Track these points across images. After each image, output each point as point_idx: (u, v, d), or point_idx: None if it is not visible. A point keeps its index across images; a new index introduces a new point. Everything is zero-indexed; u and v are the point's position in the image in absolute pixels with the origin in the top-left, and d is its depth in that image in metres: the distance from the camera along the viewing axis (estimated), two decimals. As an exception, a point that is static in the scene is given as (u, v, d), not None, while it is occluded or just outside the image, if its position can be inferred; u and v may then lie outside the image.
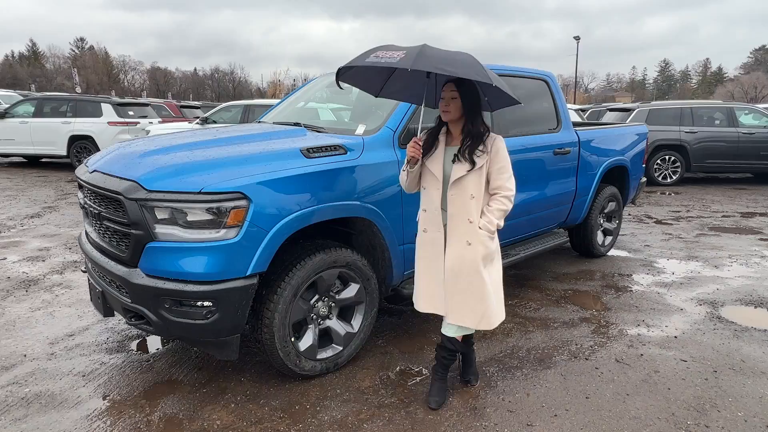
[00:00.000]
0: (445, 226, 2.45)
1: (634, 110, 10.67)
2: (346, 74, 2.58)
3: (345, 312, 2.97)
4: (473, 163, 2.34)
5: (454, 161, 2.38)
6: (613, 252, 5.45)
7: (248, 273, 2.42)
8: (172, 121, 12.93)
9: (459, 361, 2.86)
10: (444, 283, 2.46)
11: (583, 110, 15.01)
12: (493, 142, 2.39)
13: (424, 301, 2.56)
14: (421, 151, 2.39)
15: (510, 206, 2.42)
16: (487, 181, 2.40)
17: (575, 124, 5.18)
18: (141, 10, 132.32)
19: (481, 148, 2.35)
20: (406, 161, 2.43)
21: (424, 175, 2.48)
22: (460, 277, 2.42)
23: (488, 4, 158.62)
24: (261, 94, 74.16)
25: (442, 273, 2.47)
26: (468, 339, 2.73)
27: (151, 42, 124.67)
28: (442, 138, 2.46)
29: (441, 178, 2.41)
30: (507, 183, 2.41)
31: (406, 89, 2.69)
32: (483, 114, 2.46)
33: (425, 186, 2.48)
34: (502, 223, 2.41)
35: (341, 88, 2.75)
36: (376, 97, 2.76)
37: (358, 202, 2.80)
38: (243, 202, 2.37)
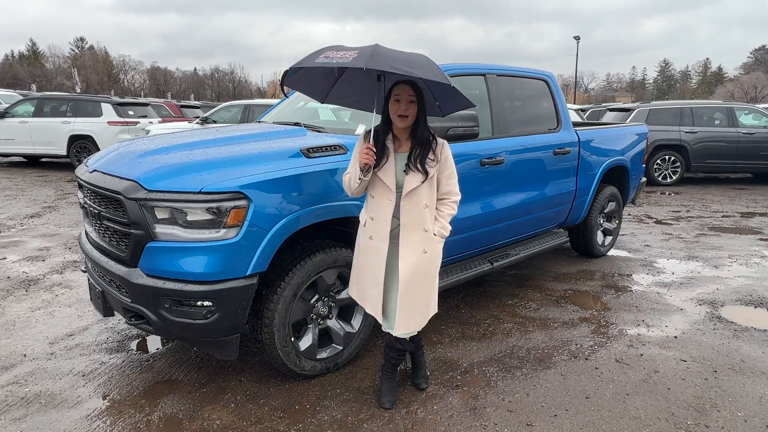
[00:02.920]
0: (392, 237, 2.37)
1: (634, 110, 10.67)
2: (292, 78, 2.48)
3: (345, 312, 2.97)
4: (426, 173, 2.29)
5: (406, 171, 2.30)
6: (613, 252, 5.45)
7: (248, 273, 2.42)
8: (172, 121, 12.92)
9: (407, 363, 2.86)
10: (398, 295, 2.37)
11: (583, 110, 15.01)
12: (442, 148, 2.36)
13: (370, 304, 2.48)
14: (375, 157, 2.25)
15: (456, 210, 2.47)
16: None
17: (575, 124, 5.18)
18: (149, 13, 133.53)
19: (431, 156, 2.31)
20: (356, 167, 2.29)
21: (373, 182, 2.35)
22: (411, 285, 2.36)
23: (486, 6, 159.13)
24: (261, 93, 74.19)
25: (381, 279, 2.39)
26: (414, 337, 2.65)
27: (157, 43, 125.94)
28: (390, 144, 2.34)
29: (394, 189, 2.31)
30: (455, 188, 2.44)
31: (354, 95, 2.59)
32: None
33: (374, 195, 2.37)
34: (450, 227, 2.46)
35: (285, 95, 2.66)
36: (322, 103, 2.70)
37: (358, 202, 2.80)
38: (243, 202, 2.37)
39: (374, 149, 2.24)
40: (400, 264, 2.36)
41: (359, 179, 2.28)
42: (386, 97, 2.32)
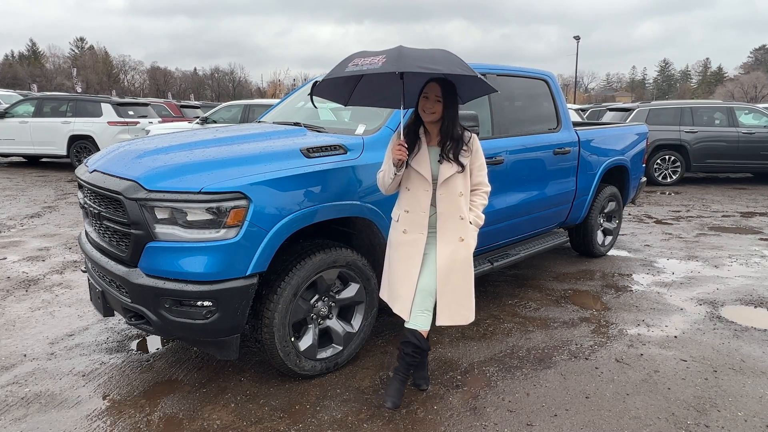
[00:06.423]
0: (429, 227, 2.44)
1: (634, 110, 10.67)
2: (319, 87, 2.56)
3: (345, 312, 2.97)
4: (461, 165, 2.39)
5: (440, 161, 2.39)
6: (613, 252, 5.45)
7: (248, 273, 2.42)
8: (172, 121, 12.93)
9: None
10: (437, 283, 2.42)
11: (583, 110, 15.01)
12: (473, 140, 2.46)
13: (399, 302, 2.49)
14: (407, 152, 2.35)
15: (487, 201, 2.56)
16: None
17: (575, 124, 5.18)
18: (159, 16, 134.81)
19: (464, 148, 2.41)
20: (391, 164, 2.38)
21: (408, 175, 2.44)
22: (452, 274, 2.42)
23: (485, 7, 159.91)
24: (261, 93, 74.21)
25: (416, 276, 2.43)
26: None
27: (165, 44, 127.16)
28: (422, 138, 2.44)
29: (430, 179, 2.40)
30: (485, 179, 2.55)
31: (375, 94, 2.66)
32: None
33: (409, 187, 2.44)
34: (483, 216, 2.56)
35: (315, 106, 2.72)
36: (346, 105, 2.74)
37: (358, 202, 2.80)
38: (243, 202, 2.37)
39: (405, 145, 2.32)
40: (438, 252, 2.42)
41: (393, 175, 2.37)
42: (419, 93, 2.41)
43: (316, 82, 2.54)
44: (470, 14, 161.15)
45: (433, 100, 2.36)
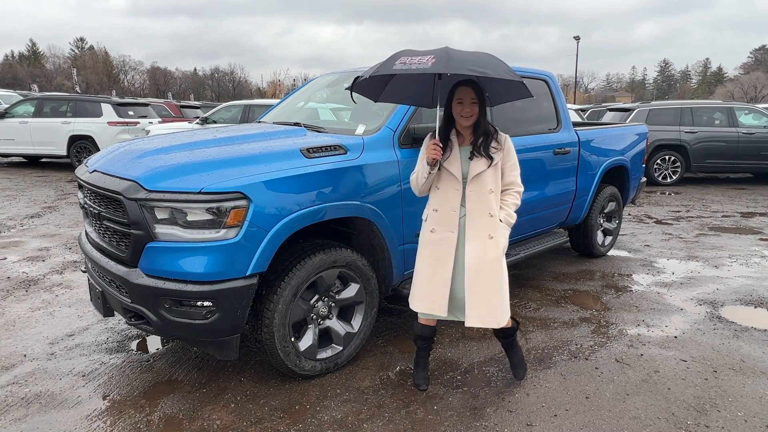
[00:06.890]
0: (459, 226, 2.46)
1: (634, 110, 10.67)
2: (358, 84, 2.57)
3: (345, 312, 2.97)
4: (491, 159, 2.41)
5: (471, 158, 2.42)
6: (613, 252, 5.45)
7: (248, 273, 2.42)
8: (172, 121, 12.93)
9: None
10: (465, 282, 2.43)
11: (583, 110, 15.01)
12: (505, 139, 2.49)
13: (420, 300, 2.54)
14: (442, 152, 2.39)
15: (520, 201, 2.56)
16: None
17: (575, 124, 5.18)
18: (161, 16, 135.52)
19: (494, 144, 2.44)
20: (425, 164, 2.41)
21: (438, 175, 2.48)
22: (481, 272, 2.42)
23: (486, 8, 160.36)
24: (261, 94, 74.23)
25: (449, 274, 2.45)
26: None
27: (166, 45, 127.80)
28: (454, 138, 2.47)
29: (460, 177, 2.42)
30: (518, 179, 2.55)
31: (405, 91, 2.67)
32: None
33: (439, 186, 2.48)
34: (515, 215, 2.55)
35: (355, 102, 2.76)
36: (376, 102, 2.76)
37: (358, 202, 2.80)
38: (243, 202, 2.37)
39: (440, 144, 2.36)
40: (467, 250, 2.43)
41: (426, 174, 2.41)
42: (448, 98, 2.44)
43: (358, 77, 2.53)
44: (470, 14, 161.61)
45: (469, 104, 2.38)
